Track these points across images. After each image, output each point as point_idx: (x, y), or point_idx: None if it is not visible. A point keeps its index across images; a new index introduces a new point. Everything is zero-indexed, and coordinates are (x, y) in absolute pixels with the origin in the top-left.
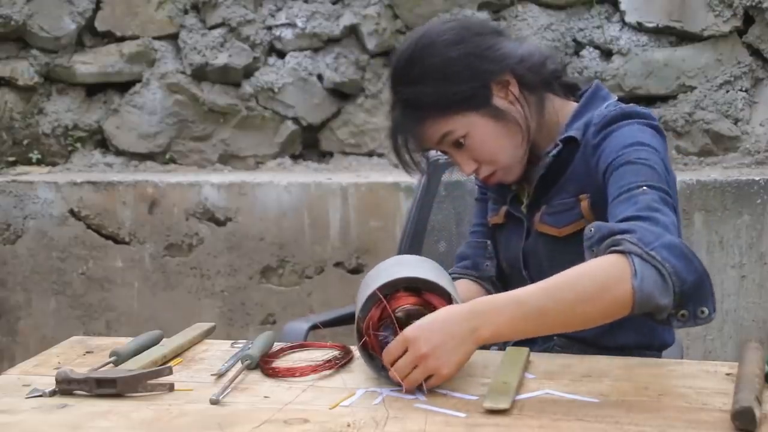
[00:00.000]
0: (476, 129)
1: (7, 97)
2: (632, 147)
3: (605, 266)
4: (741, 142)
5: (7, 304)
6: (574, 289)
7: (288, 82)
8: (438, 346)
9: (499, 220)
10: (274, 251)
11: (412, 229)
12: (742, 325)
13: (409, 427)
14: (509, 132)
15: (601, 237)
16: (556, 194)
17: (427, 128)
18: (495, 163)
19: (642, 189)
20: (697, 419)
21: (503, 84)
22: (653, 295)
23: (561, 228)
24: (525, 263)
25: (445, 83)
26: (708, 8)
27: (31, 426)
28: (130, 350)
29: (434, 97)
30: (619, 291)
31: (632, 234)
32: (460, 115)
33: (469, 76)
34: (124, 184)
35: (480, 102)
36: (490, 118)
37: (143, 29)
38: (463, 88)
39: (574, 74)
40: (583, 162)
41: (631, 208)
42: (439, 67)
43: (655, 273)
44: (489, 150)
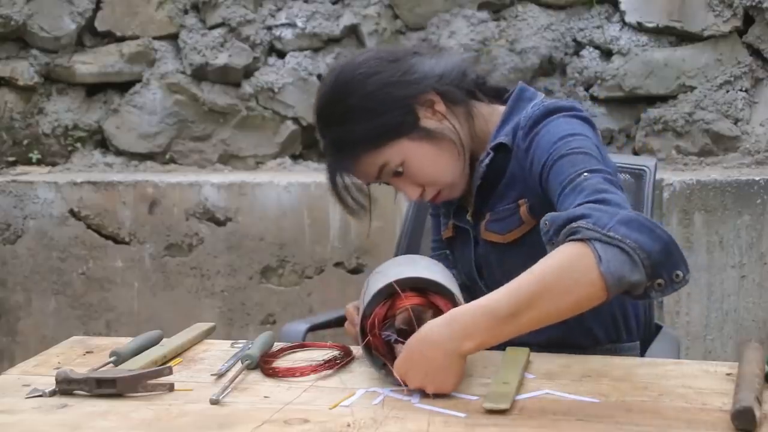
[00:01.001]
0: (411, 155)
1: (7, 97)
2: (562, 140)
3: (568, 258)
4: (741, 142)
5: (7, 304)
6: (543, 288)
7: (288, 82)
8: (429, 375)
9: (449, 233)
10: (274, 251)
11: (410, 229)
12: (742, 325)
13: (409, 427)
14: (444, 150)
15: (557, 228)
16: (497, 201)
17: (363, 164)
18: (437, 184)
19: (583, 176)
20: (697, 419)
21: (428, 104)
22: (623, 274)
23: (505, 234)
24: (479, 272)
25: (370, 117)
26: (708, 8)
27: (31, 426)
28: (130, 350)
29: (363, 132)
30: (588, 280)
31: (587, 219)
32: (392, 144)
33: (392, 105)
34: (124, 184)
35: (408, 127)
36: (423, 140)
37: (143, 29)
38: (388, 118)
39: (574, 74)
40: (518, 166)
41: (578, 196)
42: (361, 102)
43: (618, 252)
44: (428, 172)
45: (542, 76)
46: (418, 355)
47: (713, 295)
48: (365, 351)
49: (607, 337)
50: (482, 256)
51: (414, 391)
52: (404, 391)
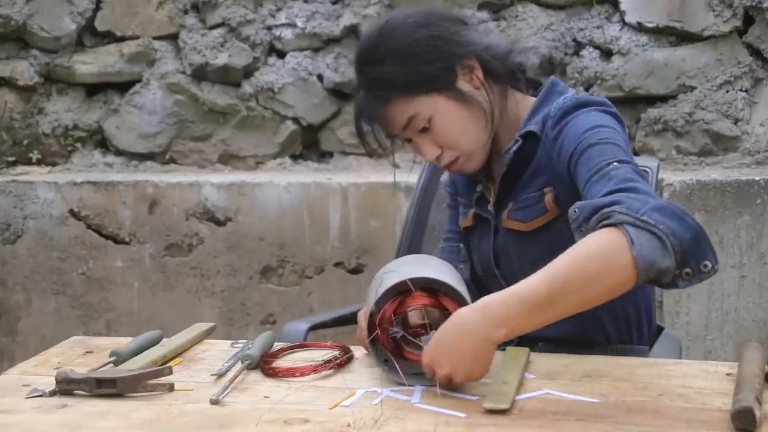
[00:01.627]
0: (441, 111)
1: (7, 97)
2: (592, 130)
3: (601, 242)
4: (741, 142)
5: (7, 304)
6: (576, 272)
7: (288, 82)
8: (458, 364)
9: (469, 222)
10: (274, 251)
11: (411, 228)
12: (742, 325)
13: (409, 427)
14: (473, 116)
15: (587, 215)
16: (521, 190)
17: (393, 109)
18: (457, 148)
19: (612, 165)
20: (697, 419)
21: (468, 68)
22: (654, 259)
23: (528, 222)
24: (497, 262)
25: (410, 63)
26: (708, 8)
27: (31, 426)
28: (130, 350)
29: (400, 76)
30: (620, 264)
31: (619, 204)
32: (426, 96)
33: (435, 58)
34: (124, 184)
35: (445, 84)
36: (455, 101)
37: (143, 29)
38: (428, 68)
39: (574, 74)
40: (545, 155)
41: (608, 184)
42: (405, 47)
43: (651, 237)
44: (453, 133)
45: (542, 76)
46: (448, 343)
47: (713, 295)
48: (371, 346)
49: (618, 336)
50: (501, 245)
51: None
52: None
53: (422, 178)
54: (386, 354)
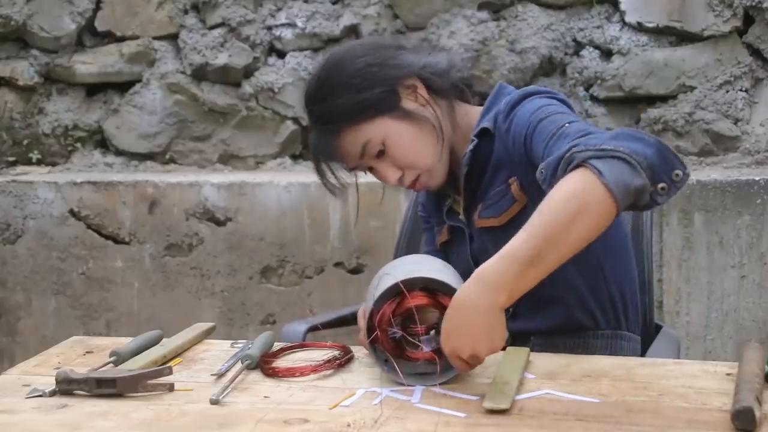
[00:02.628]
0: (392, 133)
1: (7, 97)
2: (539, 110)
3: (570, 182)
4: (741, 142)
5: (7, 304)
6: (556, 219)
7: (288, 82)
8: (477, 340)
9: (444, 237)
10: (274, 251)
11: (409, 229)
12: (742, 325)
13: (409, 427)
14: (424, 133)
15: (553, 169)
16: (486, 189)
17: (345, 140)
18: (416, 166)
19: (564, 125)
20: (697, 419)
21: (411, 88)
22: (626, 181)
23: (500, 216)
24: (477, 266)
25: (353, 93)
26: (708, 8)
27: (31, 426)
28: (130, 350)
29: (345, 107)
30: (596, 197)
31: (577, 145)
32: (373, 121)
33: (374, 83)
34: (124, 184)
35: (390, 106)
36: (403, 120)
37: (143, 29)
38: (369, 94)
39: (574, 74)
40: (502, 148)
41: (564, 141)
42: (345, 79)
43: (616, 162)
44: (409, 152)
45: (542, 76)
46: (458, 326)
47: (713, 295)
48: (370, 347)
49: (606, 322)
50: (479, 249)
51: (425, 382)
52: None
53: None
54: (385, 354)
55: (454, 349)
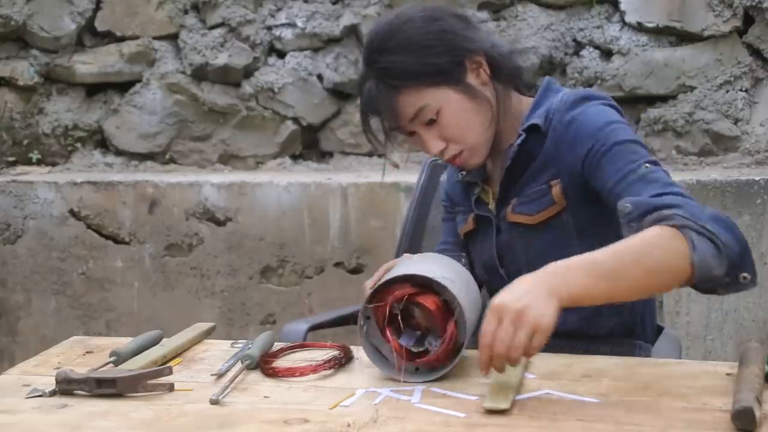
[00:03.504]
0: (450, 104)
1: (7, 97)
2: (608, 127)
3: (665, 238)
4: (741, 142)
5: (7, 304)
6: (642, 258)
7: (288, 82)
8: (529, 303)
9: (469, 227)
10: (274, 251)
11: (411, 229)
12: (742, 325)
13: (409, 427)
14: (480, 111)
15: (643, 212)
16: (525, 185)
17: (404, 100)
18: (463, 142)
19: (645, 167)
20: (697, 419)
21: (477, 64)
22: (711, 266)
23: (534, 215)
24: (500, 260)
25: (423, 54)
26: (708, 8)
27: (31, 426)
28: (130, 350)
29: (413, 66)
30: (681, 264)
31: (681, 209)
32: (435, 88)
33: (446, 51)
34: (124, 184)
35: (455, 77)
36: (464, 94)
37: (143, 29)
38: (439, 60)
39: (574, 74)
40: (553, 148)
41: (651, 186)
42: (417, 39)
43: (711, 246)
44: (460, 127)
45: (542, 76)
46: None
47: (713, 295)
48: (363, 313)
49: (621, 330)
50: (505, 242)
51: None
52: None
53: (422, 178)
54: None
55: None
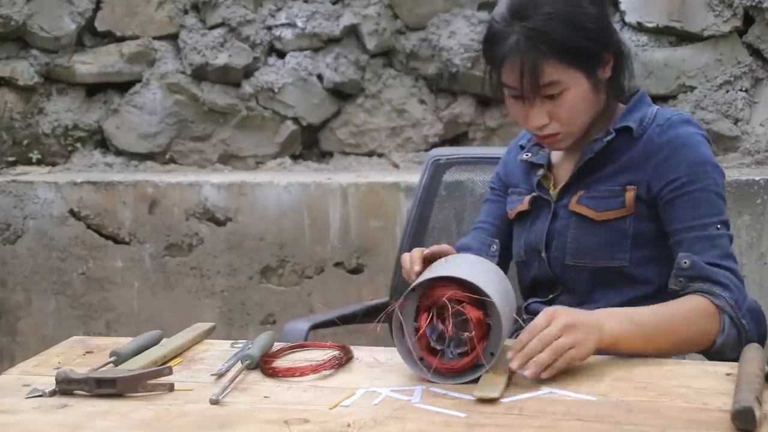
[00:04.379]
0: (578, 89)
1: (7, 97)
2: (705, 167)
3: (703, 317)
4: (741, 142)
5: (7, 304)
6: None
7: (288, 82)
8: (580, 322)
9: (524, 207)
10: (274, 251)
11: (413, 228)
12: None
13: (409, 427)
14: (595, 104)
15: (695, 276)
16: (597, 181)
17: (540, 67)
18: (567, 126)
19: (716, 228)
20: (697, 419)
21: (607, 61)
22: (727, 352)
23: (600, 212)
24: (547, 244)
25: (579, 34)
26: (708, 8)
27: (31, 426)
28: (130, 350)
29: (566, 41)
30: (704, 339)
31: (728, 292)
32: (575, 70)
33: (598, 37)
34: (124, 184)
35: (593, 65)
36: (592, 84)
37: (143, 29)
38: (590, 45)
39: None
40: (643, 156)
41: (712, 251)
42: (581, 16)
43: (736, 336)
44: (575, 113)
45: None
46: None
47: None
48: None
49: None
50: (559, 228)
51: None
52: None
53: (424, 177)
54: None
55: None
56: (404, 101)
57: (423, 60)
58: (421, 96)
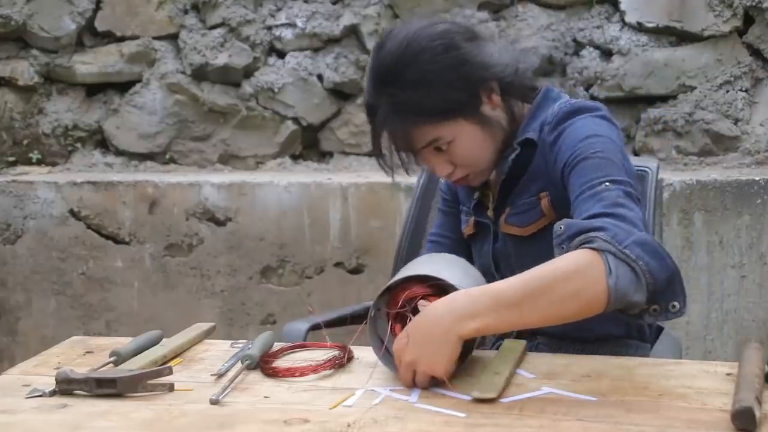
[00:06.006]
0: (463, 135)
1: (7, 97)
2: (587, 140)
3: (580, 265)
4: (741, 142)
5: (7, 304)
6: (550, 287)
7: (288, 82)
8: (422, 352)
9: (470, 230)
10: (274, 251)
11: (412, 228)
12: (742, 325)
13: (409, 427)
14: (491, 138)
15: (571, 234)
16: (518, 196)
17: (417, 133)
18: (473, 167)
19: (605, 185)
20: (697, 419)
21: (489, 91)
22: (627, 293)
23: (525, 227)
24: (496, 266)
25: (439, 91)
26: (708, 8)
27: (31, 426)
28: (130, 350)
29: (430, 103)
30: (594, 290)
31: (604, 231)
32: (452, 121)
33: (463, 84)
34: (124, 184)
35: (471, 109)
36: (478, 124)
37: (143, 29)
38: (456, 95)
39: (574, 74)
40: (542, 161)
41: (597, 205)
42: (434, 74)
43: (629, 271)
44: (471, 155)
45: (542, 76)
46: (416, 331)
47: (713, 295)
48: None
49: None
50: (500, 250)
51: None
52: (400, 375)
53: (422, 178)
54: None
55: (401, 348)
56: None
57: None
58: None
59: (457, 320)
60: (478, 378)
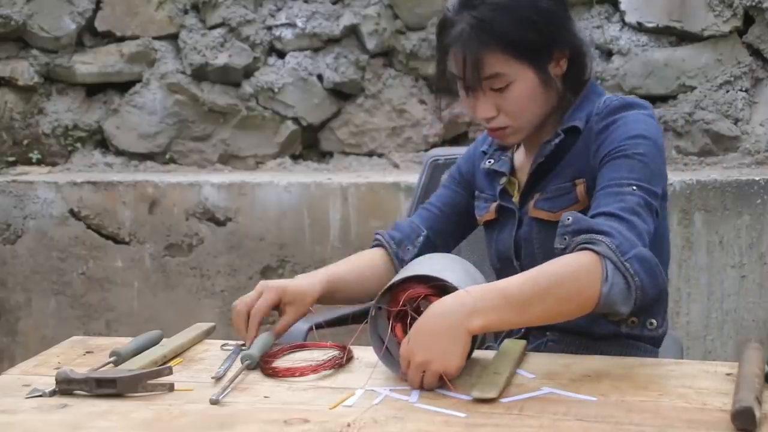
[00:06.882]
0: (524, 82)
1: (7, 97)
2: (635, 139)
3: (582, 266)
4: (741, 142)
5: (7, 304)
6: (555, 288)
7: (288, 82)
8: (433, 350)
9: (491, 216)
10: (274, 251)
11: None
12: (742, 325)
13: (409, 427)
14: (545, 99)
15: (577, 229)
16: (551, 181)
17: (487, 58)
18: (516, 120)
19: (632, 188)
20: (697, 419)
21: (561, 56)
22: (616, 303)
23: (556, 212)
24: (517, 253)
25: (524, 26)
26: (708, 8)
27: (31, 426)
28: (130, 350)
29: (511, 33)
30: (587, 293)
31: (610, 237)
32: (519, 62)
33: (545, 33)
34: (124, 184)
35: (541, 61)
36: (540, 79)
37: (143, 29)
38: (537, 39)
39: None
40: (584, 148)
41: (615, 204)
42: (526, 8)
43: (623, 283)
44: (521, 106)
45: None
46: (425, 329)
47: (713, 295)
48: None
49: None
50: (524, 235)
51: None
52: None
53: (423, 177)
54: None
55: (410, 348)
56: (404, 101)
57: (423, 60)
58: (421, 96)
59: (466, 315)
60: (478, 378)
